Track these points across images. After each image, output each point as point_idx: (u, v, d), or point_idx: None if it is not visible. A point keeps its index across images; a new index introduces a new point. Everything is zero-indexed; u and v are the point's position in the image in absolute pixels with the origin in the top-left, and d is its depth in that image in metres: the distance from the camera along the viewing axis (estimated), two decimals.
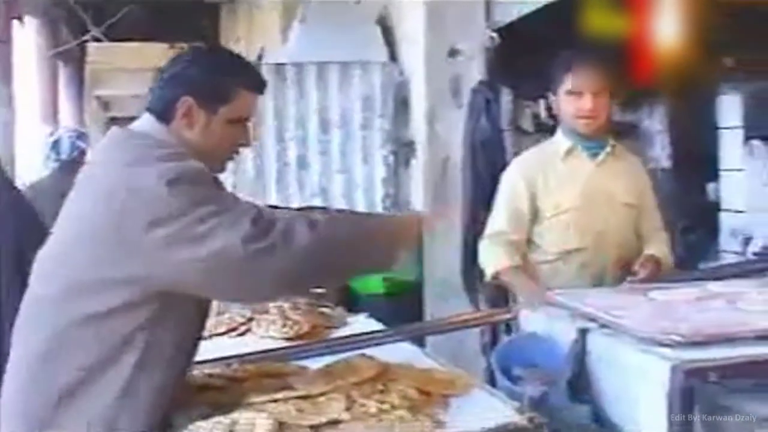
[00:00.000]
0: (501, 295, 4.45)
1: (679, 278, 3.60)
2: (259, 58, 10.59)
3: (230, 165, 4.97)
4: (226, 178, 5.30)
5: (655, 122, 5.64)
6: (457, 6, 5.09)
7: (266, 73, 5.41)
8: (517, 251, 3.74)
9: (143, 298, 2.22)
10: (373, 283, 5.02)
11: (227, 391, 2.62)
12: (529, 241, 3.79)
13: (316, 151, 5.49)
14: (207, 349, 3.12)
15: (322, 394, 2.48)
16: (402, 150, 5.49)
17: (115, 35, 13.72)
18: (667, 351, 2.38)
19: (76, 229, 2.31)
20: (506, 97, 5.20)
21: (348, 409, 2.38)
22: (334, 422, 2.32)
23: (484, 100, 5.04)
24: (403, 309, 4.75)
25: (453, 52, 5.09)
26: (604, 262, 3.70)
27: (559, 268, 3.71)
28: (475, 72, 5.14)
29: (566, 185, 3.70)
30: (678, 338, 2.42)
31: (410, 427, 2.29)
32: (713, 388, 2.36)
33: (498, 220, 3.81)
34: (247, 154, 5.34)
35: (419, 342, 3.43)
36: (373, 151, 5.49)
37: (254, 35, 12.37)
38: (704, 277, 3.64)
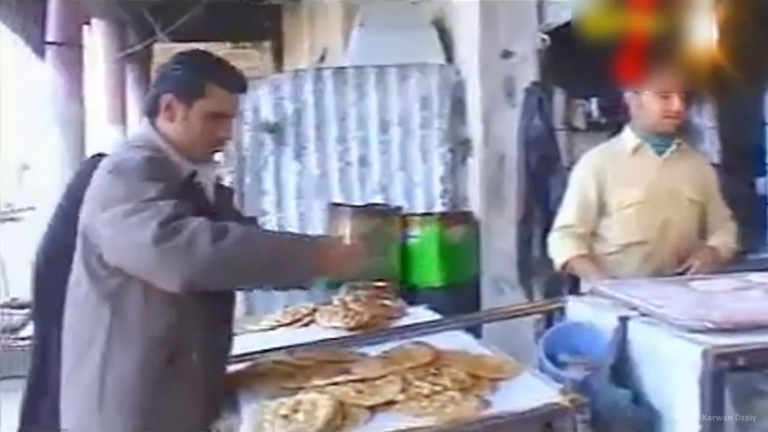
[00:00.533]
0: (556, 288, 4.60)
1: (726, 269, 3.72)
2: (322, 58, 10.81)
3: (295, 165, 5.26)
4: (290, 180, 5.55)
5: (704, 119, 5.72)
6: (510, 9, 5.20)
7: (328, 76, 5.62)
8: (584, 242, 3.89)
9: (106, 273, 2.53)
10: (431, 277, 5.18)
11: (293, 376, 2.81)
12: (595, 234, 3.93)
13: (376, 150, 5.64)
14: (273, 339, 3.36)
15: (379, 378, 2.67)
16: (459, 148, 5.59)
17: (179, 36, 13.98)
18: (699, 337, 2.50)
19: None
20: (559, 96, 5.33)
21: (403, 390, 2.57)
22: (390, 402, 2.51)
23: (536, 100, 5.17)
24: (460, 301, 4.85)
25: (506, 54, 5.21)
26: (665, 255, 3.82)
27: (622, 260, 3.83)
28: (528, 73, 5.26)
29: (633, 181, 3.81)
30: (710, 325, 2.54)
31: (460, 406, 2.48)
32: (744, 372, 2.51)
33: (567, 213, 3.94)
34: (311, 154, 5.53)
35: (476, 332, 3.59)
36: (431, 150, 5.62)
37: (317, 36, 12.55)
38: (751, 268, 3.75)
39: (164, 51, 15.97)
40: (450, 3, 5.91)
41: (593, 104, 5.96)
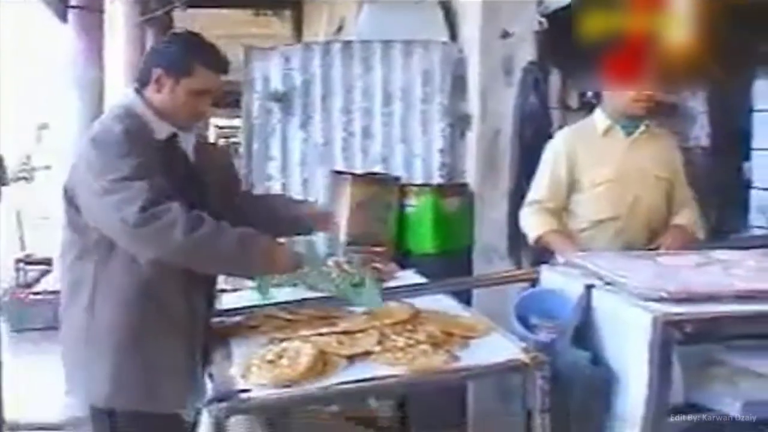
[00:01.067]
0: (543, 259, 4.78)
1: (708, 247, 3.90)
2: (339, 29, 10.97)
3: (301, 134, 5.43)
4: (296, 147, 5.74)
5: (697, 103, 5.87)
6: None
7: (336, 49, 5.78)
8: (554, 217, 4.07)
9: (87, 228, 2.86)
10: (426, 244, 5.35)
11: (283, 328, 3.04)
12: (567, 210, 4.11)
13: (379, 122, 5.76)
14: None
15: (359, 331, 2.90)
16: (458, 123, 5.68)
17: (201, 3, 14.07)
18: (653, 305, 2.70)
19: None
20: (555, 76, 5.46)
21: (380, 343, 2.79)
22: (367, 353, 2.73)
23: (533, 79, 5.28)
24: (452, 268, 4.96)
25: (505, 34, 5.33)
26: (636, 231, 4.00)
27: (595, 235, 4.01)
28: (526, 53, 5.35)
29: (603, 160, 4.00)
30: (664, 294, 2.74)
31: (430, 359, 2.69)
32: (692, 339, 2.72)
33: (538, 189, 4.13)
34: (316, 124, 5.71)
35: (465, 298, 3.77)
36: (431, 124, 5.73)
37: (335, 8, 12.67)
38: (734, 246, 3.94)
39: (184, 17, 16.11)
40: None
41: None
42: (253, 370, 2.61)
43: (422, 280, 3.96)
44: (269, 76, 5.68)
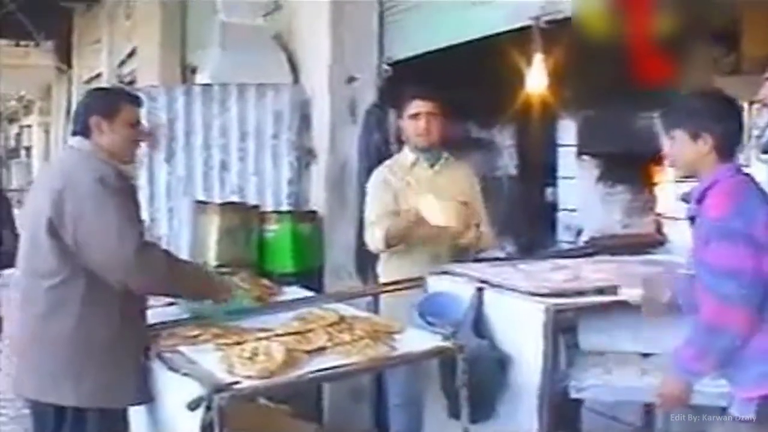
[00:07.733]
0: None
1: (532, 258, 4.58)
2: (122, 63, 11.21)
3: (166, 167, 5.74)
4: (161, 179, 6.04)
5: (505, 138, 6.61)
6: (355, 43, 5.87)
7: (197, 92, 6.13)
8: None
9: (73, 257, 3.24)
10: (285, 264, 5.79)
11: (221, 336, 3.44)
12: None
13: (235, 156, 6.13)
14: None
15: (308, 331, 3.37)
16: (304, 156, 6.15)
17: None
18: (541, 299, 3.35)
19: None
20: (392, 116, 5.96)
21: (329, 340, 3.27)
22: (322, 348, 3.20)
23: (375, 119, 5.86)
24: (308, 285, 5.29)
25: (351, 79, 5.87)
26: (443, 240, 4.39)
27: (409, 247, 4.39)
28: (368, 95, 5.92)
29: (413, 187, 4.46)
30: (547, 291, 3.43)
31: (377, 350, 3.20)
32: (572, 323, 3.41)
33: (371, 213, 4.51)
34: (179, 158, 6.02)
35: None
36: (281, 158, 6.16)
37: (117, 39, 12.69)
38: (552, 256, 4.64)
39: None
40: (293, 31, 6.49)
41: None
42: (236, 366, 3.00)
43: (309, 293, 4.43)
44: None
